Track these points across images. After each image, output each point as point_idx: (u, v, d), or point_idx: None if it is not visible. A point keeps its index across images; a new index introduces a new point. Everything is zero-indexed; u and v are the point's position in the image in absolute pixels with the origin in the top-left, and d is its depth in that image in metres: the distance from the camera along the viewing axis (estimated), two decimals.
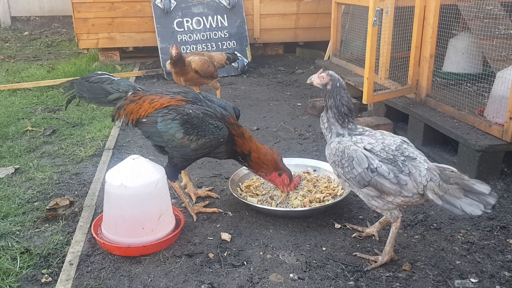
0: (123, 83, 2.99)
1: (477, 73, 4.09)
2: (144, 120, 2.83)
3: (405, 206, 2.63)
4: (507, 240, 2.74)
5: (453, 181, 2.23)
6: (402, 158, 2.34)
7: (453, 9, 4.11)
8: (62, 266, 2.51)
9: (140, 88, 3.01)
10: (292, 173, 3.43)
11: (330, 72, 2.59)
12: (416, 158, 2.35)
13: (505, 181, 3.39)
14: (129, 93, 2.93)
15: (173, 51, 4.17)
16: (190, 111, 2.76)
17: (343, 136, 2.52)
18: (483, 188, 2.19)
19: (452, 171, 2.29)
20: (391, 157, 2.35)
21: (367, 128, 2.60)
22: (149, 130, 2.83)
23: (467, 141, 3.39)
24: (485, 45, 4.19)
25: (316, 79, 2.59)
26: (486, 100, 3.85)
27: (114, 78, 3.01)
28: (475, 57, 4.39)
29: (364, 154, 2.37)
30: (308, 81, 2.66)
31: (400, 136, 2.52)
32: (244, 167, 3.45)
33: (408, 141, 2.49)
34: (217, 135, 2.76)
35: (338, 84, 2.54)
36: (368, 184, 2.37)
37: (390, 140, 2.43)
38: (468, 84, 4.55)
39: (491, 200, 2.17)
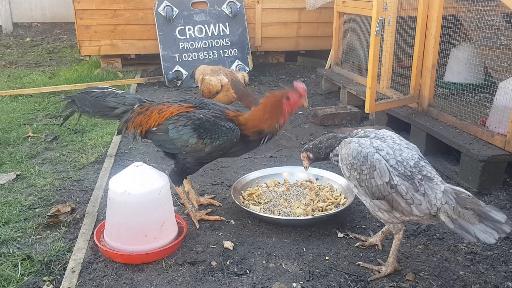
0: (128, 96, 3.00)
1: (479, 83, 4.10)
2: (154, 129, 2.84)
3: (411, 223, 2.62)
4: (511, 251, 2.74)
5: (469, 207, 2.18)
6: (420, 176, 2.29)
7: (455, 20, 4.14)
8: (64, 274, 2.50)
9: (146, 99, 3.02)
10: (294, 180, 3.45)
11: (302, 151, 2.80)
12: (433, 179, 2.29)
13: (507, 191, 3.38)
14: (136, 106, 2.94)
15: None
16: (201, 116, 2.78)
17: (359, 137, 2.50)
18: (500, 216, 2.14)
19: (468, 196, 2.24)
20: (409, 173, 2.29)
21: (369, 130, 2.55)
22: (160, 139, 2.84)
23: (470, 151, 3.39)
24: (486, 55, 4.22)
25: (305, 162, 2.81)
26: (488, 110, 3.86)
27: (117, 91, 3.02)
28: (476, 67, 4.41)
29: (387, 167, 2.30)
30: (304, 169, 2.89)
31: (413, 146, 2.48)
32: (248, 174, 3.47)
33: (423, 157, 2.43)
34: (230, 136, 2.76)
35: (311, 146, 2.75)
36: (383, 198, 2.32)
37: (408, 154, 2.36)
38: (470, 94, 4.56)
39: (507, 228, 2.11)
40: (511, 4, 3.46)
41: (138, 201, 2.56)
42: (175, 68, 6.64)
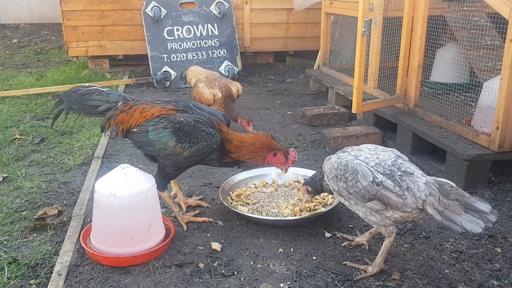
0: (113, 94, 2.98)
1: (464, 83, 4.14)
2: (135, 129, 2.82)
3: (402, 222, 2.61)
4: (495, 249, 2.77)
5: (454, 197, 2.21)
6: (399, 173, 2.34)
7: (441, 20, 4.18)
8: (50, 277, 2.49)
9: (130, 98, 3.00)
10: (282, 180, 3.45)
11: (303, 185, 2.85)
12: (413, 173, 2.34)
13: (492, 190, 3.42)
14: (119, 103, 2.92)
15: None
16: (182, 119, 2.76)
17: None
18: (484, 206, 2.17)
19: (451, 187, 2.26)
20: (388, 172, 2.35)
21: (347, 147, 2.64)
22: (140, 140, 2.82)
23: (455, 150, 3.43)
24: (472, 55, 4.26)
25: (307, 196, 2.87)
26: (473, 110, 3.90)
27: (102, 89, 3.01)
28: (462, 67, 4.45)
29: (368, 168, 2.37)
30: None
31: (391, 149, 2.54)
32: (236, 174, 3.48)
33: (402, 155, 2.50)
34: (210, 141, 2.76)
35: (309, 180, 2.82)
36: (373, 198, 2.36)
37: (385, 155, 2.44)
38: (456, 94, 4.61)
39: (492, 218, 2.15)
40: (495, 5, 3.50)
41: (124, 203, 2.55)
42: (164, 69, 6.63)
